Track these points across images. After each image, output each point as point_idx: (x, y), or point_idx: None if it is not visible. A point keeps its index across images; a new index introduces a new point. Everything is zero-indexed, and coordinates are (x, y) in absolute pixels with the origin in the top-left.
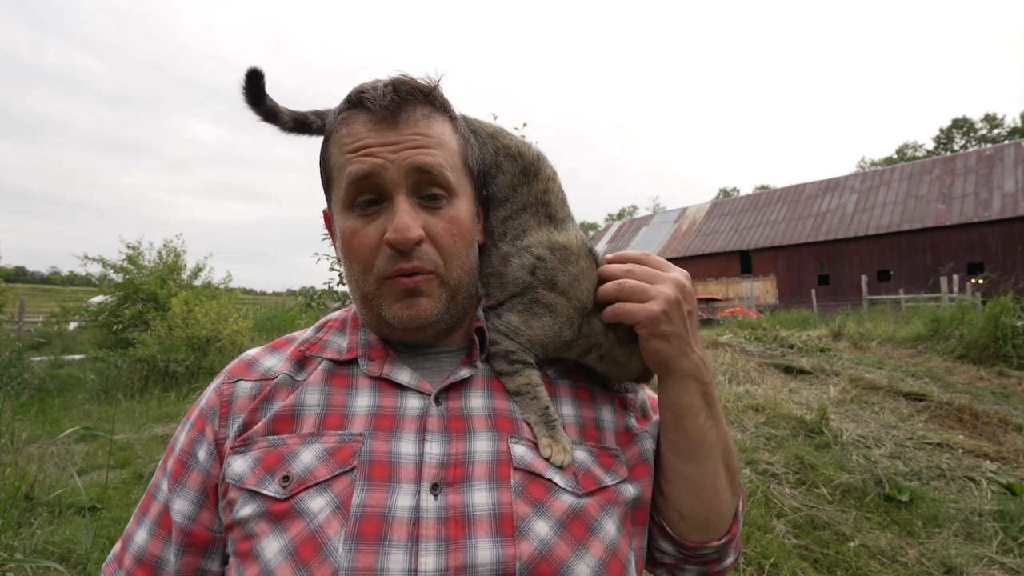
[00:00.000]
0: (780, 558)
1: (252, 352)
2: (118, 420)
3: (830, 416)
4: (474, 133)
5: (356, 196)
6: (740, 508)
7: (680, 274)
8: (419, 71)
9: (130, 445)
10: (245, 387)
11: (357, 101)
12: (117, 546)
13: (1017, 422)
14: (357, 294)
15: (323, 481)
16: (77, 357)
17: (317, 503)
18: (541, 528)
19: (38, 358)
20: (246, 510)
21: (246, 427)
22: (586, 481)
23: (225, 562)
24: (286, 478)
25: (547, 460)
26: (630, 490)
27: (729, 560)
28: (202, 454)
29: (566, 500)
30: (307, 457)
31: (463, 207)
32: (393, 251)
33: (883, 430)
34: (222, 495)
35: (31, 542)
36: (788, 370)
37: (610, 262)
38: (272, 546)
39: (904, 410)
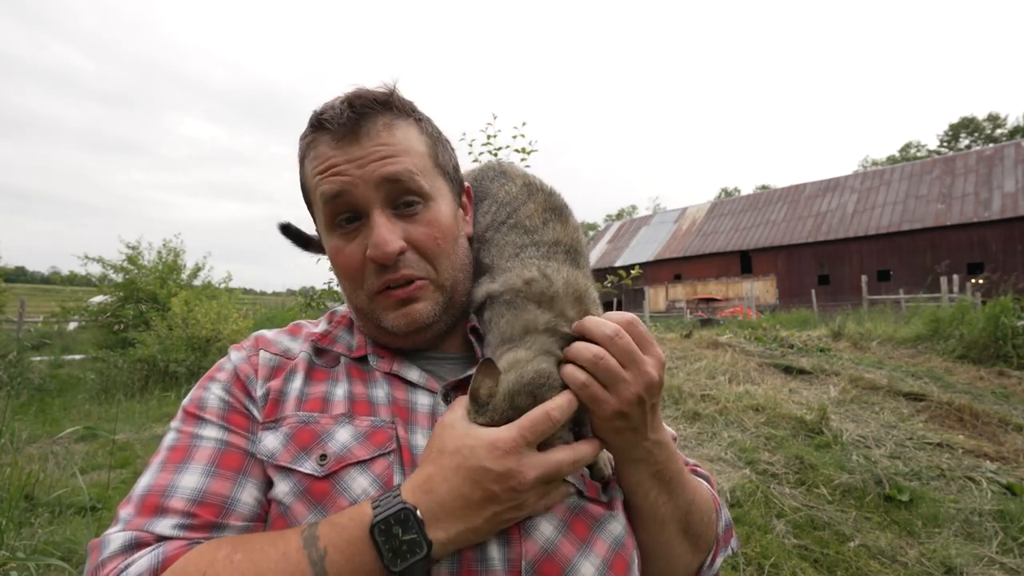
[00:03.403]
0: (780, 558)
1: (268, 332)
2: (118, 420)
3: (830, 416)
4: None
5: (334, 216)
6: (707, 561)
7: (654, 365)
8: (376, 80)
9: (130, 445)
10: (266, 357)
11: (318, 124)
12: (130, 506)
13: (1017, 422)
14: (352, 307)
15: (363, 461)
16: (77, 357)
17: (360, 483)
18: (546, 528)
19: (38, 358)
20: (281, 488)
21: (269, 394)
22: (590, 488)
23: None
24: (323, 456)
25: (588, 469)
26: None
27: None
28: (255, 411)
29: (568, 501)
30: (343, 436)
31: (442, 207)
32: (377, 266)
33: (883, 430)
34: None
35: (32, 542)
36: (788, 370)
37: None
38: None
39: (904, 410)
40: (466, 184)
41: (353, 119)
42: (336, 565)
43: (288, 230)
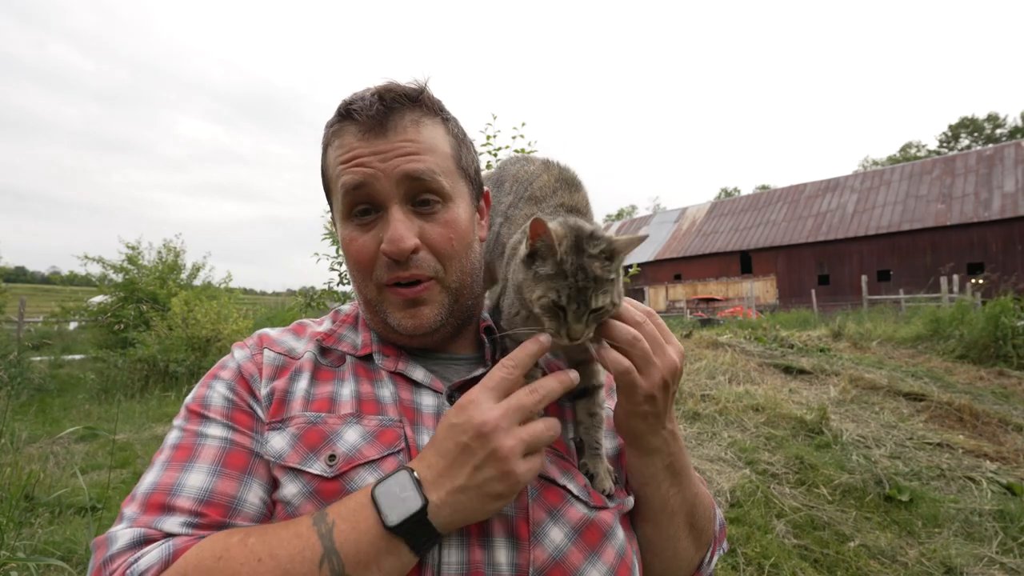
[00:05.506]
0: (780, 558)
1: (272, 331)
2: (118, 420)
3: (830, 416)
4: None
5: (352, 207)
6: (707, 558)
7: (677, 352)
8: (407, 75)
9: (130, 445)
10: (270, 356)
11: (346, 113)
12: (135, 505)
13: (1017, 422)
14: (361, 299)
15: (373, 461)
16: (77, 357)
17: (369, 483)
18: (556, 535)
19: (38, 358)
20: (290, 488)
21: (273, 394)
22: (596, 497)
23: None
24: (332, 456)
25: (590, 480)
26: (630, 500)
27: None
28: (259, 410)
29: (580, 509)
30: (351, 436)
31: (460, 210)
32: (390, 260)
33: (883, 430)
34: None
35: (32, 542)
36: (788, 370)
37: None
38: None
39: (904, 410)
40: (485, 188)
41: (382, 112)
42: (343, 533)
43: None
